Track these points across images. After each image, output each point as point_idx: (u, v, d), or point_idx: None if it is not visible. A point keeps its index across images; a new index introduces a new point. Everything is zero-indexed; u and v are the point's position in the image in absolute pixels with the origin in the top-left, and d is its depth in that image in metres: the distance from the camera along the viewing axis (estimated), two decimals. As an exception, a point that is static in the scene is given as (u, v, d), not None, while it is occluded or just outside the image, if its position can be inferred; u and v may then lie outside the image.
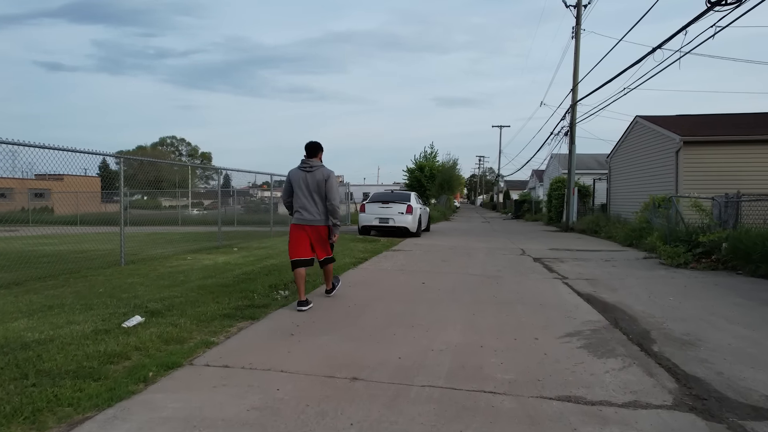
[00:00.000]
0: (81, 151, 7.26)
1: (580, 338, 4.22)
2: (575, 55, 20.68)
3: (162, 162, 12.77)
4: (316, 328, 4.35)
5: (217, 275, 7.03)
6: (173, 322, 4.24)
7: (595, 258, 10.27)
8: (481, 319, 4.80)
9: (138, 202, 31.50)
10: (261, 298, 5.51)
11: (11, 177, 7.27)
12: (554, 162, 29.31)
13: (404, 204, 15.03)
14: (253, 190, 29.46)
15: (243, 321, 4.49)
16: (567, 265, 9.05)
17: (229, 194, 30.19)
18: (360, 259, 9.22)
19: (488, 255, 10.53)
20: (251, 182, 24.78)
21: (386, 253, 10.64)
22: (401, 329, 4.35)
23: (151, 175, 18.93)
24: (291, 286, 6.31)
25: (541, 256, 10.47)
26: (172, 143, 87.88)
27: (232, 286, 6.16)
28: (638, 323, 4.79)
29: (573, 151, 20.57)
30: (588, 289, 6.66)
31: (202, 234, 14.66)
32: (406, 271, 8.06)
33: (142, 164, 14.78)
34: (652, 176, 15.44)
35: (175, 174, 41.99)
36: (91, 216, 24.07)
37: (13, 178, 8.12)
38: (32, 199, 30.45)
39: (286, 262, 8.46)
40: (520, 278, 7.48)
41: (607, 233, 15.86)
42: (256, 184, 27.13)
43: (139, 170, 15.57)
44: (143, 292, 5.73)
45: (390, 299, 5.71)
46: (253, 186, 28.15)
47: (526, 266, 8.89)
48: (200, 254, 10.00)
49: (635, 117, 17.03)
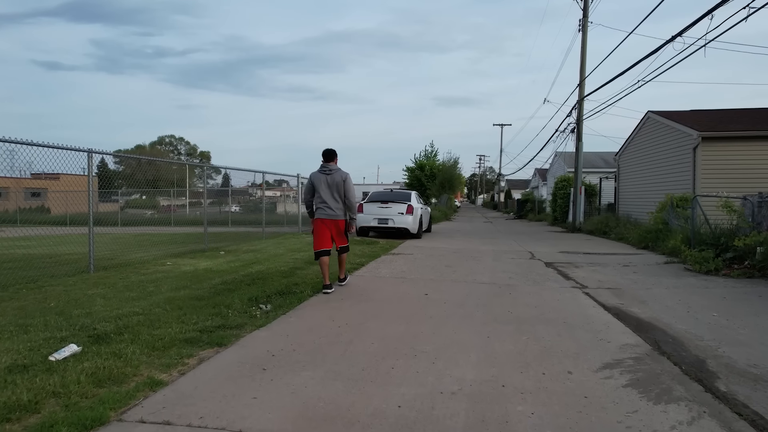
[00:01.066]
0: (41, 144, 6.45)
1: (624, 371, 3.40)
2: (582, 48, 19.86)
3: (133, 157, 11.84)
4: (296, 358, 3.52)
5: (193, 285, 6.21)
6: (119, 352, 3.42)
7: (611, 263, 9.45)
8: (498, 345, 3.97)
9: (135, 201, 30.68)
10: (236, 315, 4.68)
11: (6, 176, 7.10)
12: (559, 160, 28.48)
13: (404, 204, 14.20)
14: (252, 189, 28.69)
15: (208, 348, 3.67)
16: (583, 272, 8.24)
17: (225, 193, 29.40)
18: (356, 265, 8.40)
19: (496, 259, 9.70)
20: (250, 181, 24.03)
21: (385, 257, 9.82)
22: (401, 360, 3.52)
23: (149, 174, 18.33)
24: (274, 298, 5.49)
25: (552, 261, 9.65)
26: (170, 142, 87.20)
27: (206, 299, 5.33)
28: (686, 348, 3.98)
29: (580, 149, 19.75)
30: (613, 301, 5.84)
31: (192, 235, 13.82)
32: (407, 279, 7.24)
33: (140, 163, 13.98)
34: (666, 174, 14.61)
35: (173, 173, 41.17)
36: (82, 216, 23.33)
37: (8, 177, 7.89)
38: (28, 199, 29.76)
39: (274, 269, 7.67)
40: (535, 288, 6.66)
41: (618, 234, 15.04)
42: (256, 183, 26.43)
43: (138, 169, 14.82)
44: (100, 307, 4.91)
45: (388, 316, 4.89)
46: (252, 185, 27.44)
47: (538, 272, 8.07)
48: (183, 258, 9.18)
49: (647, 112, 16.21)
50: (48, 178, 30.36)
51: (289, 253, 9.97)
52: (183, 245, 11.60)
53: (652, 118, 15.75)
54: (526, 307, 5.44)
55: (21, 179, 26.68)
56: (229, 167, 12.87)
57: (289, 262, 8.49)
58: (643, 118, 16.58)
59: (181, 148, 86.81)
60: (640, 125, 16.85)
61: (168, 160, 9.92)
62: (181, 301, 5.20)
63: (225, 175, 30.89)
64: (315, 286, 6.24)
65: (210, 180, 76.66)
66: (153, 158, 11.58)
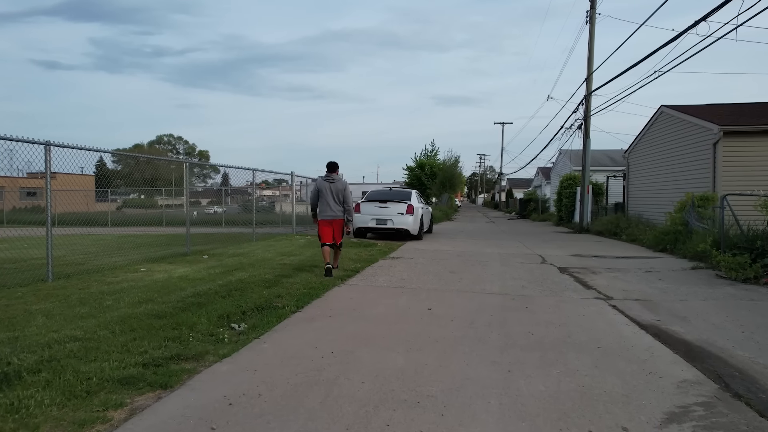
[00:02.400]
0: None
1: (697, 427, 2.55)
2: (590, 41, 19.03)
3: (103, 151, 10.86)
4: (260, 409, 2.66)
5: (160, 297, 5.35)
6: (20, 402, 2.56)
7: (631, 268, 8.60)
8: (524, 383, 3.12)
9: (133, 201, 29.80)
10: (199, 339, 3.83)
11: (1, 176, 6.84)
12: (564, 158, 27.61)
13: (404, 203, 13.34)
14: (251, 189, 27.91)
15: (147, 391, 2.82)
16: (603, 279, 7.39)
17: (224, 193, 28.55)
18: (350, 271, 7.54)
19: (504, 264, 8.84)
20: (249, 181, 23.27)
21: (383, 261, 8.96)
22: (400, 411, 2.67)
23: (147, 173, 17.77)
24: (251, 315, 4.65)
25: (566, 265, 8.81)
26: (169, 141, 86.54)
27: (168, 316, 4.48)
28: (763, 387, 3.13)
29: (588, 146, 18.91)
30: (648, 316, 4.99)
31: (180, 237, 12.95)
32: (407, 288, 6.38)
33: (138, 162, 13.11)
34: (681, 172, 13.75)
35: (171, 172, 40.29)
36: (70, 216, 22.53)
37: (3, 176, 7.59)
38: (23, 198, 28.99)
39: (257, 276, 6.75)
40: (554, 299, 5.80)
41: (629, 236, 14.19)
42: (255, 183, 25.69)
43: (135, 168, 13.98)
44: (36, 329, 4.05)
45: (384, 341, 4.03)
46: (251, 185, 26.69)
47: (553, 280, 7.22)
48: (160, 264, 8.33)
49: (660, 107, 15.35)
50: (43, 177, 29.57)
51: (278, 257, 9.12)
52: (166, 248, 10.74)
53: (666, 112, 14.89)
54: (548, 325, 4.59)
55: (15, 178, 26.07)
56: (219, 164, 12.00)
57: (276, 268, 7.64)
58: (655, 113, 15.72)
59: (179, 147, 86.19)
60: (652, 121, 15.99)
61: (147, 156, 9.14)
62: (138, 319, 4.35)
63: (224, 174, 30.13)
64: (300, 299, 5.40)
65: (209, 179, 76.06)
66: (115, 152, 10.73)
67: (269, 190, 35.20)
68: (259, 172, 13.55)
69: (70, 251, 10.73)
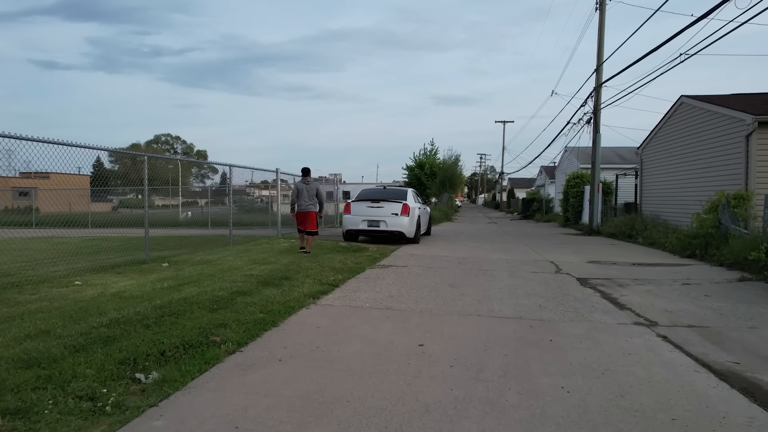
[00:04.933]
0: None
1: None
2: (600, 28, 17.68)
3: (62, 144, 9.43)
4: None
5: (61, 328, 4.00)
6: None
7: (663, 278, 7.27)
8: None
9: (130, 201, 28.51)
10: (60, 412, 2.49)
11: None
12: (570, 156, 26.26)
13: (399, 203, 11.98)
14: (250, 189, 26.72)
15: None
16: (635, 294, 6.06)
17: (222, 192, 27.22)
18: (328, 285, 6.20)
19: (514, 275, 7.50)
20: (248, 180, 22.01)
21: (371, 271, 7.62)
22: None
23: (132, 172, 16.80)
24: (171, 357, 3.31)
25: (585, 275, 7.48)
26: (166, 141, 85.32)
27: (45, 363, 3.13)
28: None
29: (598, 141, 17.57)
30: (719, 356, 3.66)
31: (154, 240, 11.60)
32: (395, 310, 5.04)
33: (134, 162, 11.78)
34: (706, 168, 12.40)
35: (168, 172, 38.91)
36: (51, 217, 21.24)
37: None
38: (16, 198, 27.85)
39: (208, 293, 4.80)
40: (583, 327, 4.46)
41: (647, 239, 12.87)
42: (254, 183, 24.46)
43: (132, 168, 12.75)
44: None
45: (347, 414, 2.68)
46: (250, 185, 25.49)
47: (575, 296, 5.89)
48: (105, 274, 7.00)
49: (680, 97, 14.00)
50: (37, 177, 28.64)
51: (248, 265, 7.77)
52: (127, 254, 9.42)
53: (687, 103, 13.54)
54: (585, 373, 3.24)
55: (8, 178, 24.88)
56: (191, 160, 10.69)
57: (239, 281, 6.29)
58: (674, 105, 14.37)
59: (177, 146, 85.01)
60: (670, 113, 14.64)
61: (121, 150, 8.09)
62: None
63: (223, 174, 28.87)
64: (249, 330, 4.06)
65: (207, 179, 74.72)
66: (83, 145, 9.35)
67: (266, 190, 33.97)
68: (237, 168, 12.16)
69: (14, 257, 9.42)
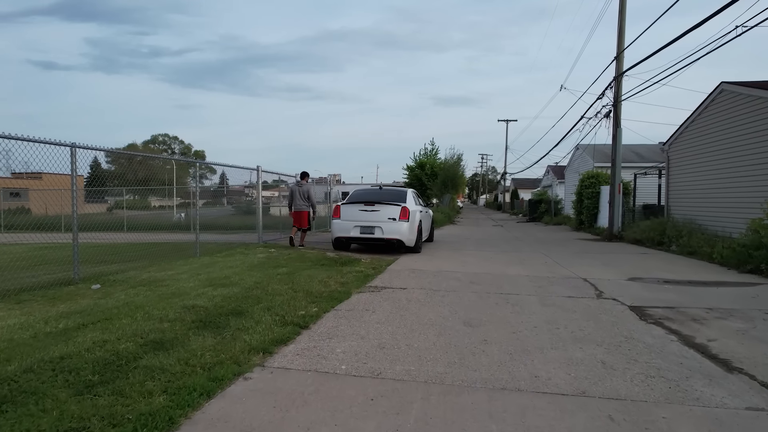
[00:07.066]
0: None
1: None
2: (620, 12, 15.85)
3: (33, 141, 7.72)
4: None
5: None
6: None
7: (746, 308, 5.49)
8: None
9: (128, 202, 26.88)
10: None
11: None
12: (582, 154, 24.44)
13: (397, 206, 10.18)
14: (248, 190, 25.10)
15: None
16: (725, 336, 4.28)
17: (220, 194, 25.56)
18: (293, 326, 4.38)
19: (545, 302, 5.70)
20: (247, 181, 20.35)
21: (357, 297, 5.82)
22: None
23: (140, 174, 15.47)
24: None
25: (638, 303, 5.69)
26: (164, 141, 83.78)
27: None
28: None
29: (619, 136, 15.77)
30: None
31: (119, 248, 9.84)
32: (385, 379, 3.25)
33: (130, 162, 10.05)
34: (757, 165, 10.61)
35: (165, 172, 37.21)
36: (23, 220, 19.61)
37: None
38: (7, 199, 26.50)
39: (108, 348, 3.44)
40: (694, 416, 2.67)
41: (684, 247, 11.10)
42: (252, 183, 22.90)
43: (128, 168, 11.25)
44: None
45: None
46: (249, 186, 23.89)
47: (644, 342, 4.10)
48: (6, 303, 5.21)
49: (720, 84, 12.21)
50: (29, 178, 27.28)
51: (200, 288, 5.97)
52: (64, 268, 7.60)
53: (730, 90, 11.75)
54: None
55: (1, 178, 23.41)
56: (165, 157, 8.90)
57: (169, 318, 4.49)
58: (712, 94, 12.57)
59: (175, 147, 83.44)
60: (707, 103, 12.84)
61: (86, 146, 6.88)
62: None
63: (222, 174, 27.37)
64: None
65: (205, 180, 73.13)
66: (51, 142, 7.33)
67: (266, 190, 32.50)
68: (217, 166, 10.37)
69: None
